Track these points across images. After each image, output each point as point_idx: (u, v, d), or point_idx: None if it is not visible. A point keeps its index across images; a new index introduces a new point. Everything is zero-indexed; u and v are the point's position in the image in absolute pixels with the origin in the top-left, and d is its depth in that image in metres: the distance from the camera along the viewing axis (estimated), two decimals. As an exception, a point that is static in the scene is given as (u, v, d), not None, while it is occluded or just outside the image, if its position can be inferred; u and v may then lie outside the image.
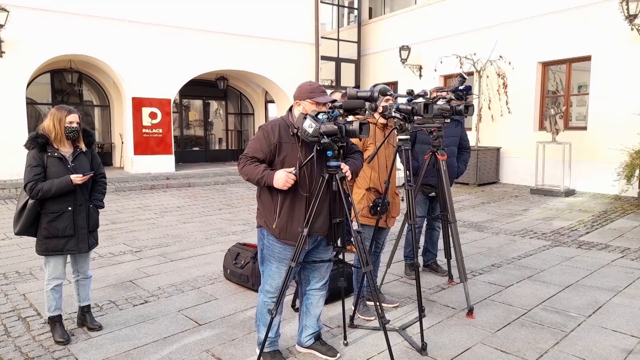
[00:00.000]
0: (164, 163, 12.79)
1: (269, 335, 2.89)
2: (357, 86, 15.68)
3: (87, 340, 3.33)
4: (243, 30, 13.52)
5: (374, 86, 3.42)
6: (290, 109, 2.89)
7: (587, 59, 10.10)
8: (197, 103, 16.77)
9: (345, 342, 3.25)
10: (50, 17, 10.85)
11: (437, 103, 3.65)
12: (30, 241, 4.29)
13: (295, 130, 2.74)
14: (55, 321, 3.34)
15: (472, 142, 11.80)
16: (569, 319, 3.64)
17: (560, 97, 10.99)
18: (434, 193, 4.49)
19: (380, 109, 3.54)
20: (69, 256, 3.41)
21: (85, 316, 3.53)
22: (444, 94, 3.82)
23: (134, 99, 12.20)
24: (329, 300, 3.74)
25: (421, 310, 3.29)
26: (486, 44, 11.60)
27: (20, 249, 5.74)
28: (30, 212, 3.22)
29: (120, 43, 11.78)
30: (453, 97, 3.72)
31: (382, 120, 3.61)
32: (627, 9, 8.95)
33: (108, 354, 3.12)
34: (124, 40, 11.82)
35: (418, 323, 3.28)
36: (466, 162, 4.81)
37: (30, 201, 3.21)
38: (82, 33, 11.27)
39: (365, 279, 3.53)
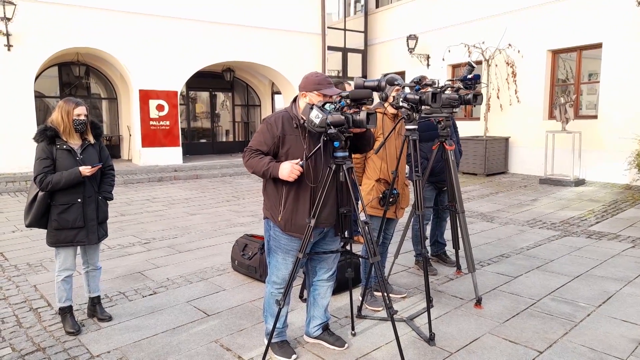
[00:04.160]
0: (172, 155, 12.84)
1: (277, 325, 2.90)
2: (364, 76, 15.59)
3: (97, 330, 3.37)
4: (249, 21, 13.46)
5: (385, 75, 3.38)
6: (295, 100, 2.86)
7: (598, 46, 9.94)
8: (204, 95, 16.77)
9: (353, 332, 3.25)
10: (57, 10, 10.86)
11: (445, 92, 3.61)
12: (41, 233, 4.34)
13: (300, 122, 2.72)
14: (65, 312, 3.38)
15: (480, 132, 11.73)
16: (578, 309, 3.62)
17: (571, 85, 10.84)
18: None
19: (390, 99, 3.51)
20: (79, 248, 3.44)
21: (95, 307, 3.56)
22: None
23: (141, 91, 12.22)
24: (337, 291, 3.75)
25: (429, 300, 3.29)
26: (495, 32, 11.46)
27: (31, 241, 5.80)
28: (41, 204, 3.25)
29: (126, 35, 11.78)
30: (461, 86, 3.68)
31: (392, 110, 3.58)
32: (640, -5, 8.78)
33: (118, 344, 3.15)
34: (130, 32, 11.82)
35: (426, 313, 3.28)
36: (459, 142, 4.72)
37: (40, 193, 3.23)
38: (89, 26, 11.29)
39: (372, 269, 3.53)
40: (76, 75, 13.71)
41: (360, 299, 3.62)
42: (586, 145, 9.96)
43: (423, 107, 3.32)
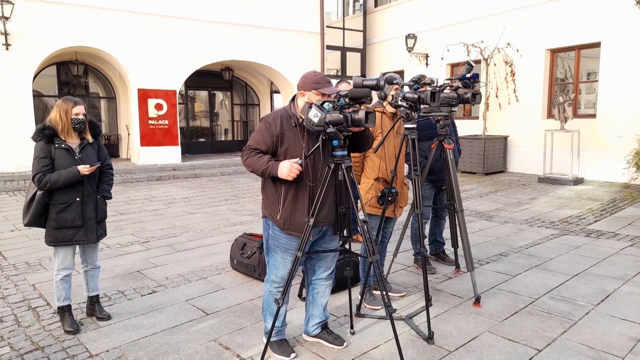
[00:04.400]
0: (171, 154, 12.83)
1: (276, 324, 2.89)
2: (363, 75, 15.58)
3: (96, 329, 3.36)
4: (248, 20, 13.45)
5: (383, 75, 3.38)
6: (293, 99, 2.86)
7: (597, 45, 9.95)
8: (203, 94, 16.76)
9: (352, 331, 3.26)
10: (55, 9, 10.85)
11: (444, 91, 3.61)
12: (40, 232, 4.33)
13: (299, 121, 2.72)
14: (64, 311, 3.38)
15: (479, 131, 11.73)
16: (577, 308, 3.63)
17: (569, 84, 10.85)
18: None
19: (389, 98, 3.51)
20: (77, 247, 3.44)
21: (94, 306, 3.56)
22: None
23: (139, 90, 12.21)
24: (336, 289, 3.76)
25: (428, 299, 3.29)
26: (494, 31, 11.46)
27: (30, 240, 5.79)
28: (39, 203, 3.24)
29: (125, 34, 11.76)
30: (460, 85, 3.68)
31: (391, 109, 3.58)
32: (638, -6, 8.78)
33: (117, 343, 3.15)
34: (128, 31, 11.80)
35: (425, 312, 3.28)
36: (458, 141, 4.72)
37: (39, 192, 3.23)
38: (88, 25, 11.27)
39: (371, 268, 3.54)
40: (75, 75, 13.68)
41: (359, 297, 3.63)
42: (585, 144, 9.97)
43: (422, 106, 3.32)
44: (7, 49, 10.34)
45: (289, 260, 2.84)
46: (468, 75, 3.64)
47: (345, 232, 2.88)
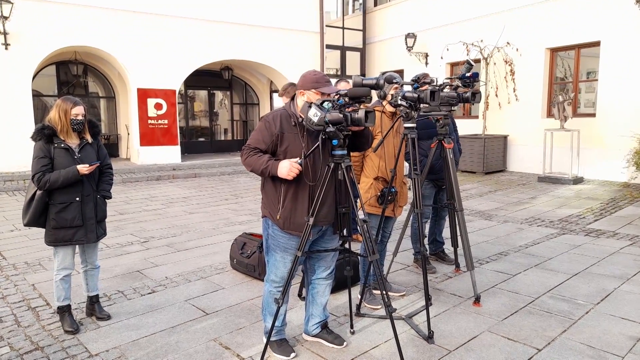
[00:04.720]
0: (170, 154, 12.82)
1: (276, 324, 2.89)
2: (363, 75, 15.57)
3: (96, 329, 3.36)
4: (248, 19, 13.44)
5: (383, 74, 3.38)
6: (293, 98, 2.86)
7: (596, 44, 9.94)
8: (202, 93, 16.75)
9: (351, 330, 3.25)
10: (54, 8, 10.84)
11: (444, 90, 3.61)
12: (39, 232, 4.33)
13: (299, 120, 2.72)
14: (64, 311, 3.37)
15: (479, 130, 11.73)
16: (577, 307, 3.62)
17: (569, 83, 10.85)
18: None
19: (389, 97, 3.51)
20: (77, 247, 3.43)
21: (93, 306, 3.56)
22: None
23: (139, 90, 12.20)
24: (336, 289, 3.76)
25: (428, 298, 3.29)
26: (493, 30, 11.45)
27: (29, 240, 5.79)
28: (39, 203, 3.24)
29: (124, 34, 11.76)
30: (460, 84, 3.68)
31: (390, 109, 3.58)
32: (638, -7, 8.78)
33: (116, 343, 3.15)
34: (128, 31, 11.79)
35: (425, 311, 3.28)
36: (458, 140, 4.72)
37: (39, 192, 3.23)
38: (87, 24, 11.26)
39: (371, 267, 3.54)
40: (74, 74, 13.67)
41: (359, 297, 3.63)
42: (584, 144, 9.97)
43: (421, 105, 3.32)
44: (6, 48, 10.33)
45: (289, 260, 2.84)
46: (468, 75, 3.64)
47: (345, 231, 2.88)
